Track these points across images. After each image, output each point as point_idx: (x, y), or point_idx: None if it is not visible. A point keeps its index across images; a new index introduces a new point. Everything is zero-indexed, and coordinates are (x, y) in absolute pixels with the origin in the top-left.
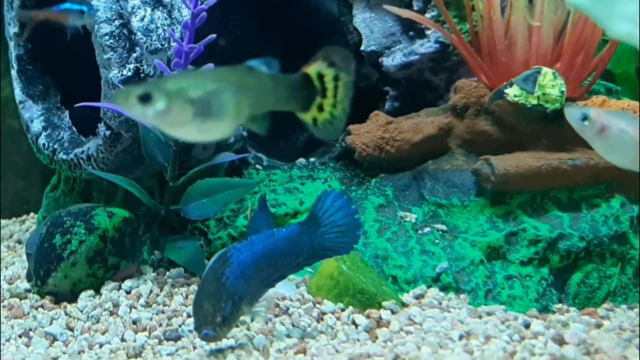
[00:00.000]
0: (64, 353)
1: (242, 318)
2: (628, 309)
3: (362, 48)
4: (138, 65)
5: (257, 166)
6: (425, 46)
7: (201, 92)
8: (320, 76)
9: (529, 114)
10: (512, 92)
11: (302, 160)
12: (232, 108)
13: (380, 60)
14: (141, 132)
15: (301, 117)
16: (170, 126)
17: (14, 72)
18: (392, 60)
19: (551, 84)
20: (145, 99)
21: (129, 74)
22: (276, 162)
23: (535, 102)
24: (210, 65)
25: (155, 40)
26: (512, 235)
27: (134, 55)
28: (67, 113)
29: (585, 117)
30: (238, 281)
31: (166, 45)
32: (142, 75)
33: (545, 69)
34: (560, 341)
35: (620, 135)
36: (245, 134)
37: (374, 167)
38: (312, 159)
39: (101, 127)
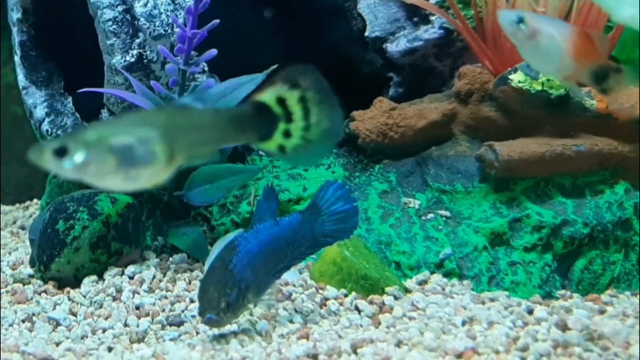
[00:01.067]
0: (67, 338)
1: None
2: (631, 295)
3: (366, 34)
4: (141, 51)
5: (261, 152)
6: (429, 32)
7: (124, 139)
8: (282, 100)
9: (533, 100)
10: (517, 78)
11: None
12: (162, 153)
13: (384, 46)
14: None
15: (263, 148)
16: (93, 178)
17: (17, 58)
18: (396, 47)
19: None
20: (61, 152)
21: (132, 59)
22: None
23: (539, 88)
24: (214, 51)
25: (158, 26)
26: (515, 222)
27: (137, 41)
28: (70, 99)
29: (520, 20)
30: (245, 269)
31: (169, 30)
32: (145, 60)
33: None
34: (564, 327)
35: (549, 41)
36: None
37: (378, 153)
38: None
39: (104, 113)
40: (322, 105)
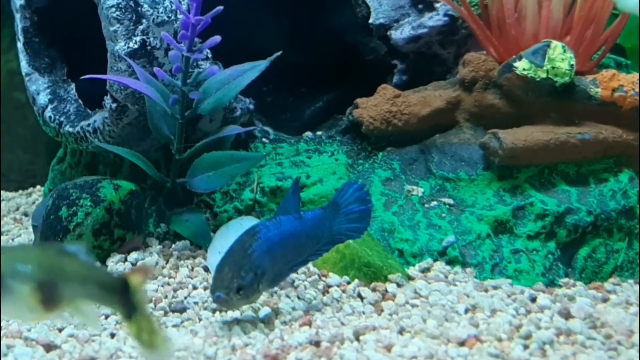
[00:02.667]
0: (70, 324)
1: None
2: (635, 284)
3: (370, 21)
4: (144, 37)
5: (264, 139)
6: (434, 19)
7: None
8: (137, 291)
9: (538, 88)
10: (521, 66)
11: (308, 133)
12: (24, 294)
13: (388, 33)
14: (147, 105)
15: (127, 327)
16: None
17: (20, 45)
18: (400, 34)
19: (561, 57)
20: None
21: (135, 46)
22: (283, 136)
23: (544, 75)
24: (217, 37)
25: (162, 12)
26: (519, 210)
27: (141, 27)
28: (73, 86)
29: None
30: (264, 256)
31: (173, 17)
32: (149, 47)
33: (554, 43)
34: (567, 315)
35: None
36: (252, 107)
37: (381, 141)
38: (319, 133)
39: (107, 100)
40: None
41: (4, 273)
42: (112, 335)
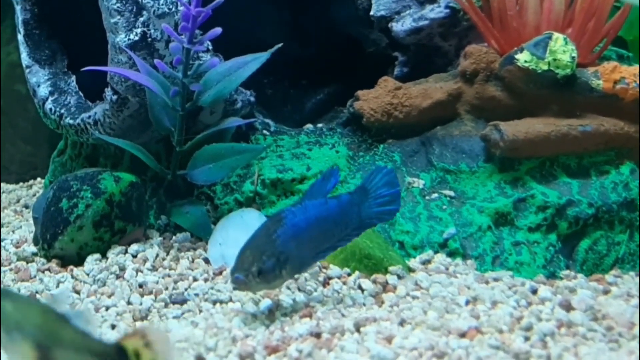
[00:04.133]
0: None
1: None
2: (636, 276)
3: (371, 13)
4: (145, 29)
5: (264, 132)
6: (435, 11)
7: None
8: (137, 354)
9: (540, 80)
10: (523, 58)
11: (309, 125)
12: (25, 349)
13: (389, 25)
14: (148, 97)
15: None
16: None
17: (20, 37)
18: (401, 26)
19: (562, 49)
20: None
21: (136, 38)
22: (283, 128)
23: (545, 67)
24: (218, 29)
25: (162, 4)
26: (520, 202)
27: (141, 19)
28: (73, 78)
29: None
30: (289, 242)
31: (173, 9)
32: (150, 39)
33: (556, 35)
34: (568, 307)
35: None
36: (252, 99)
37: (382, 133)
38: (319, 125)
39: (108, 92)
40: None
41: (9, 324)
42: (113, 327)
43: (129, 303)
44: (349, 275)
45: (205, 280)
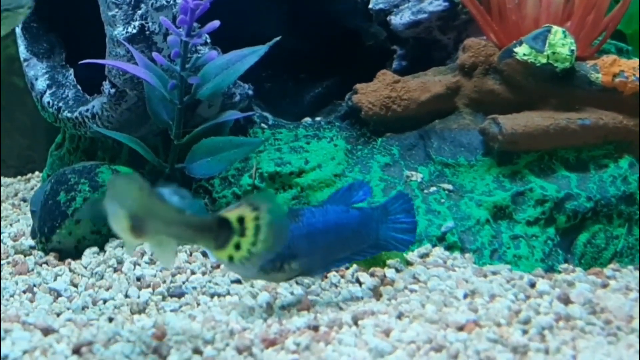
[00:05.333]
0: (68, 309)
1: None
2: (634, 270)
3: (370, 6)
4: (143, 22)
5: (263, 125)
6: (434, 4)
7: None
8: (241, 219)
9: (538, 73)
10: (522, 51)
11: (307, 119)
12: (126, 225)
13: (388, 18)
14: (146, 90)
15: (215, 255)
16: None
17: (18, 30)
18: (400, 19)
19: (561, 42)
20: None
21: (134, 31)
22: (282, 121)
23: (544, 61)
24: (216, 22)
25: None
26: (518, 195)
27: (139, 12)
28: (71, 71)
29: None
30: (299, 240)
31: (172, 2)
32: (147, 32)
33: (555, 28)
34: (566, 300)
35: None
36: (250, 92)
37: (381, 126)
38: (318, 118)
39: (106, 85)
40: (270, 225)
41: (111, 195)
42: (110, 320)
43: (126, 296)
44: (347, 268)
45: (203, 273)
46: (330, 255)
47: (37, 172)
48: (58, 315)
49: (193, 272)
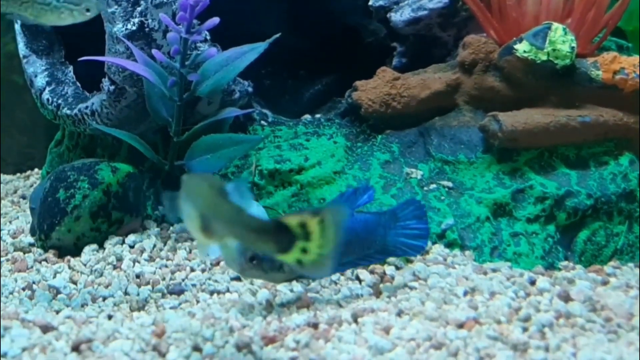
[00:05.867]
0: (67, 306)
1: None
2: (635, 267)
3: (370, 3)
4: (143, 19)
5: (262, 122)
6: (434, 1)
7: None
8: (303, 224)
9: (539, 70)
10: (522, 48)
11: (307, 116)
12: (197, 225)
13: (388, 15)
14: (145, 87)
15: (282, 259)
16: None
17: (17, 27)
18: (400, 16)
19: (561, 39)
20: None
21: (134, 28)
22: (281, 118)
23: (545, 58)
24: (216, 19)
25: None
26: (518, 193)
27: (139, 8)
28: (71, 68)
29: None
30: None
31: None
32: (147, 29)
33: (555, 25)
34: (566, 298)
35: None
36: (250, 89)
37: (380, 124)
38: (317, 115)
39: (105, 82)
40: (338, 225)
41: (185, 195)
42: (110, 317)
43: (126, 293)
44: None
45: (203, 270)
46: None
47: (36, 169)
48: (57, 312)
49: (192, 270)
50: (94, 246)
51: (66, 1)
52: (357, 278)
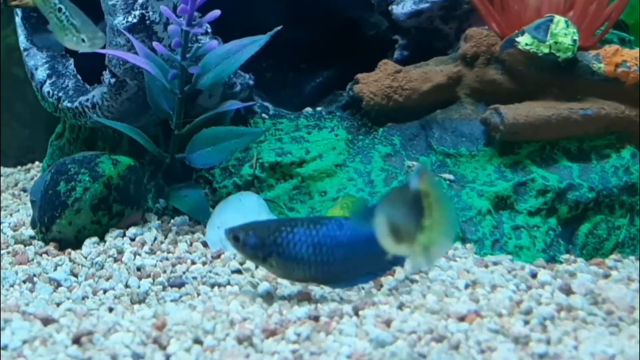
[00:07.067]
0: (68, 299)
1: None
2: (636, 260)
3: None
4: (143, 11)
5: (263, 115)
6: None
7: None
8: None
9: (540, 63)
10: (524, 41)
11: (308, 109)
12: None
13: (390, 8)
14: (146, 80)
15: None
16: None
17: (18, 20)
18: (402, 9)
19: (563, 32)
20: None
21: (134, 20)
22: (282, 111)
23: (546, 51)
24: (217, 12)
25: None
26: (520, 185)
27: (140, 1)
28: (72, 61)
29: None
30: (302, 246)
31: None
32: (148, 21)
33: (557, 17)
34: (568, 291)
35: None
36: (251, 82)
37: (382, 116)
38: (318, 108)
39: (106, 75)
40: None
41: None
42: (110, 310)
43: (126, 286)
44: None
45: (204, 263)
46: (343, 269)
47: (37, 162)
48: (58, 305)
49: (193, 262)
50: (95, 239)
51: (72, 23)
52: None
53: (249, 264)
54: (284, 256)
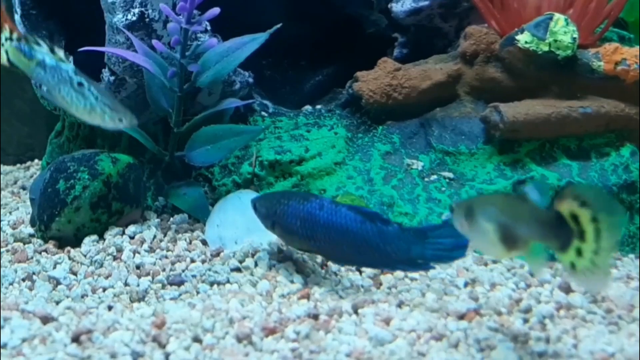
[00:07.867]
0: (67, 297)
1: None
2: (635, 258)
3: None
4: (143, 9)
5: (263, 113)
6: None
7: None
8: (575, 217)
9: (540, 61)
10: (523, 39)
11: (308, 107)
12: (489, 231)
13: (389, 6)
14: (146, 78)
15: (560, 259)
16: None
17: (17, 17)
18: (401, 7)
19: (563, 30)
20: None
21: (134, 18)
22: (282, 109)
23: (546, 49)
24: (216, 9)
25: None
26: (520, 184)
27: None
28: (71, 58)
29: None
30: (293, 219)
31: None
32: (147, 19)
33: (557, 16)
34: (567, 289)
35: None
36: (251, 80)
37: (381, 114)
38: (318, 106)
39: (105, 73)
40: (613, 229)
41: (476, 213)
42: (110, 308)
43: (126, 284)
44: None
45: (203, 261)
46: (336, 251)
47: (36, 160)
48: (57, 303)
49: (193, 260)
50: (94, 237)
51: (104, 103)
52: (358, 269)
53: (248, 262)
54: (281, 227)
